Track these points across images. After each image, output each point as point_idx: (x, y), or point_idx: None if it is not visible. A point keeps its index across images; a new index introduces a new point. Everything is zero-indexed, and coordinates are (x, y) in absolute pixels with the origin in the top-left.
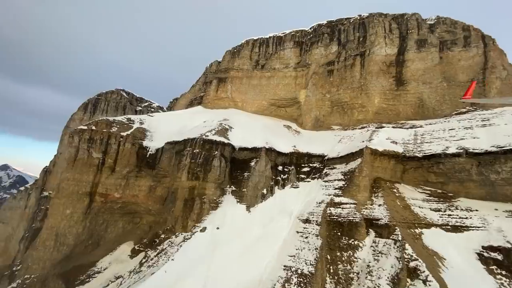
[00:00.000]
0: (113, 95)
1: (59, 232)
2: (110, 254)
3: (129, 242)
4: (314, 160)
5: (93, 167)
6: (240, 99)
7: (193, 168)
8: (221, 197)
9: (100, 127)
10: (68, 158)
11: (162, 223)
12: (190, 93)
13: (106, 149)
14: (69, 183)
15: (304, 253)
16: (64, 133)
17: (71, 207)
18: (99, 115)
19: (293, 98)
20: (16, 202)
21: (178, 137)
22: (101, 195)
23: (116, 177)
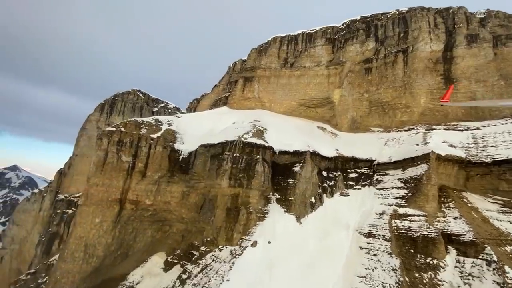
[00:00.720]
0: (130, 96)
1: (88, 243)
2: (141, 266)
3: (161, 253)
4: (361, 165)
5: (122, 171)
6: (267, 99)
7: (235, 173)
8: (266, 206)
9: (129, 128)
10: (96, 162)
11: (196, 233)
12: (213, 93)
13: (136, 152)
14: (98, 189)
15: (378, 274)
16: (80, 135)
17: (101, 215)
18: (115, 116)
19: (325, 98)
20: (30, 205)
21: (212, 139)
22: (131, 202)
23: (147, 182)
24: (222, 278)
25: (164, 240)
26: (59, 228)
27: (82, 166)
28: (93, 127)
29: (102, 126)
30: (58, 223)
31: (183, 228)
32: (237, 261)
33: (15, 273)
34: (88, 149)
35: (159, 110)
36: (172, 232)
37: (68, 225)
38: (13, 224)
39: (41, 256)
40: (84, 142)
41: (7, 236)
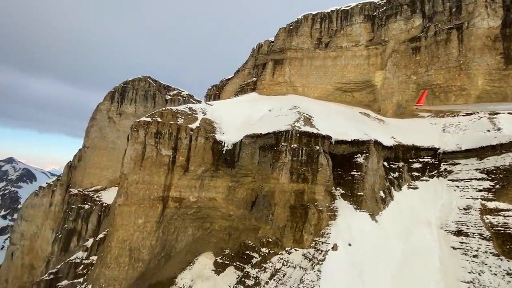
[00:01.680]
0: (141, 83)
1: (133, 246)
2: (189, 269)
3: (208, 253)
4: (423, 154)
5: (163, 166)
6: (300, 84)
7: (296, 167)
8: (332, 203)
9: (166, 118)
10: (134, 157)
11: (247, 231)
12: (238, 79)
13: (176, 144)
14: (139, 186)
15: (488, 279)
16: (90, 125)
17: (144, 216)
18: (127, 105)
19: (365, 81)
20: (38, 200)
21: (256, 129)
22: (174, 199)
23: (190, 177)
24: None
25: (207, 238)
26: (76, 224)
27: (95, 158)
28: (104, 117)
29: (114, 115)
30: (74, 219)
31: (227, 225)
32: (323, 268)
33: (28, 269)
34: (100, 140)
35: (172, 98)
36: (214, 229)
37: (86, 221)
38: (21, 219)
39: (59, 254)
40: (95, 133)
41: (16, 232)
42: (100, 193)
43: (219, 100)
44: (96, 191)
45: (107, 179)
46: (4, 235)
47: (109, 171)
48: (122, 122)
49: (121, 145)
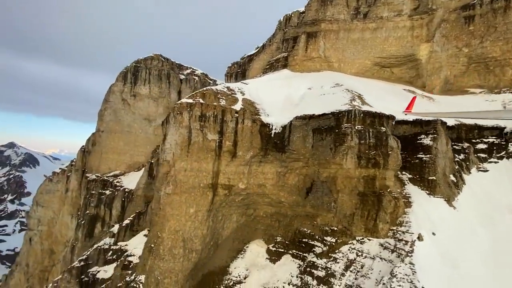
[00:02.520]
0: (154, 62)
1: (186, 237)
2: (241, 257)
3: (258, 241)
4: (486, 134)
5: (210, 152)
6: (336, 59)
7: (364, 151)
8: (403, 188)
9: (209, 99)
10: (180, 143)
11: (300, 218)
12: (265, 54)
13: (222, 128)
14: (187, 174)
15: None
16: (104, 108)
17: (195, 205)
18: (141, 86)
19: (407, 55)
20: (53, 185)
21: (299, 109)
22: (224, 187)
23: (237, 163)
24: (411, 284)
25: (252, 225)
26: (99, 210)
27: (111, 142)
28: (117, 99)
29: (128, 97)
30: (96, 205)
31: (274, 212)
32: (414, 260)
33: (48, 253)
34: (115, 124)
35: (187, 77)
36: (259, 216)
37: (109, 207)
38: (37, 205)
39: (84, 239)
40: (110, 117)
41: (32, 218)
42: (120, 179)
43: (251, 79)
44: (115, 176)
45: (125, 164)
46: (14, 219)
47: (127, 155)
48: (137, 104)
49: (137, 128)
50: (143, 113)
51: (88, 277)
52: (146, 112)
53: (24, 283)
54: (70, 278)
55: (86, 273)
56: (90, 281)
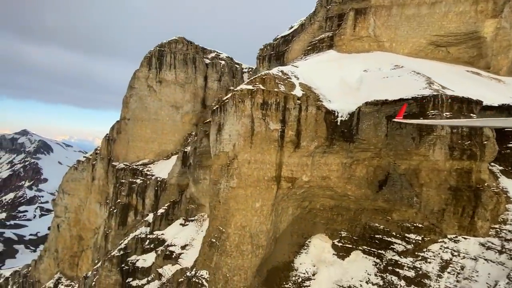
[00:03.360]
0: (178, 45)
1: (252, 233)
2: (304, 253)
3: (320, 236)
4: None
5: (273, 143)
6: (387, 38)
7: (456, 141)
8: (498, 182)
9: (270, 85)
10: (243, 133)
11: (368, 212)
12: (306, 34)
13: (284, 116)
14: (251, 167)
15: None
16: (129, 95)
17: (260, 199)
18: (166, 71)
19: (469, 32)
20: (78, 174)
21: (365, 94)
22: (287, 179)
23: (300, 154)
24: None
25: (309, 218)
26: (131, 199)
27: (138, 130)
28: (143, 86)
29: (153, 84)
30: (127, 193)
31: (333, 205)
32: None
33: (77, 239)
34: (141, 111)
35: (213, 61)
36: (315, 208)
37: (141, 196)
38: (63, 193)
39: (117, 228)
40: (136, 104)
41: (59, 205)
42: (150, 167)
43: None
44: (144, 165)
45: (153, 152)
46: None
47: (155, 143)
48: (163, 91)
49: (164, 116)
50: (170, 99)
51: (128, 265)
52: (173, 99)
53: (54, 267)
54: (111, 266)
55: (126, 261)
56: (130, 270)
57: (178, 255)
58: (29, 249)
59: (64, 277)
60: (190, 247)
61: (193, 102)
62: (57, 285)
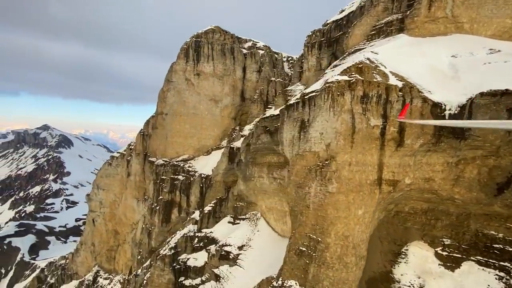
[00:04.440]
0: (215, 35)
1: (355, 243)
2: (404, 262)
3: (418, 243)
4: None
5: (374, 141)
6: (467, 18)
7: None
8: None
9: (368, 75)
10: (344, 131)
11: (478, 217)
12: (368, 18)
13: (385, 111)
14: (352, 169)
15: None
16: (166, 89)
17: (363, 206)
18: (204, 63)
19: None
20: (112, 169)
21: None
22: (389, 182)
23: (402, 154)
24: None
25: (396, 222)
26: (174, 195)
27: (177, 126)
28: (180, 79)
29: (191, 77)
30: (170, 190)
31: (428, 208)
32: None
33: (113, 234)
34: (180, 106)
35: (251, 51)
36: (403, 212)
37: (185, 192)
38: (98, 188)
39: (161, 225)
40: (173, 98)
41: (94, 200)
42: (191, 163)
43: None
44: (184, 161)
45: (193, 148)
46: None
47: (194, 139)
48: (201, 84)
49: (203, 110)
50: (209, 93)
51: (180, 264)
52: (212, 92)
53: (91, 261)
54: (164, 266)
55: (177, 260)
56: (182, 269)
57: (236, 256)
58: (60, 241)
59: (102, 270)
60: (248, 248)
61: (232, 95)
62: (96, 277)
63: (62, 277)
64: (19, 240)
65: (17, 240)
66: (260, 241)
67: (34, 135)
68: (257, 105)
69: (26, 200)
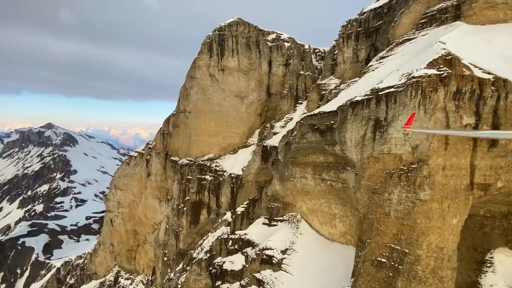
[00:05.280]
0: (240, 28)
1: (449, 254)
2: (491, 271)
3: (503, 250)
4: None
5: (468, 142)
6: None
7: None
8: None
9: (459, 68)
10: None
11: None
12: (418, 5)
13: (478, 107)
14: (446, 173)
15: None
16: (190, 86)
17: (458, 214)
18: (229, 57)
19: None
20: (130, 169)
21: None
22: (480, 187)
23: (494, 155)
24: None
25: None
26: (202, 196)
27: (201, 124)
28: (204, 75)
29: (215, 72)
30: (198, 190)
31: (507, 211)
32: None
33: (132, 234)
34: (204, 103)
35: (277, 43)
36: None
37: (215, 193)
38: (115, 189)
39: (189, 226)
40: (197, 95)
41: (111, 200)
42: (218, 163)
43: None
44: (210, 160)
45: (218, 146)
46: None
47: (219, 137)
48: (226, 80)
49: (228, 107)
50: (234, 89)
51: (215, 268)
52: (237, 88)
53: (110, 261)
54: (200, 270)
55: (213, 264)
56: (218, 273)
57: (280, 260)
58: (72, 239)
59: (123, 270)
60: (292, 252)
61: (258, 90)
62: (117, 278)
63: (82, 278)
64: (32, 240)
65: (30, 240)
66: (304, 245)
67: (39, 133)
68: (287, 100)
69: (34, 199)
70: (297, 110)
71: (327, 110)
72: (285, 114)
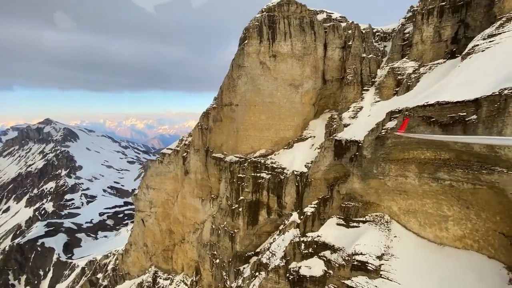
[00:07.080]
0: (291, 7)
1: None
2: None
3: None
4: None
5: None
6: None
7: None
8: None
9: None
10: None
11: None
12: None
13: None
14: None
15: None
16: (237, 76)
17: None
18: (281, 42)
19: None
20: (164, 167)
21: None
22: None
23: None
24: None
25: None
26: (260, 195)
27: (251, 117)
28: (254, 63)
29: (266, 59)
30: (254, 189)
31: None
32: None
33: (167, 233)
34: (254, 94)
35: (331, 24)
36: None
37: (275, 192)
38: (147, 188)
39: (246, 228)
40: (246, 86)
41: (142, 200)
42: (273, 159)
43: None
44: (262, 156)
45: (270, 141)
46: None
47: (271, 131)
48: (278, 67)
49: (280, 97)
50: (287, 77)
51: (292, 274)
52: (290, 76)
53: (145, 261)
54: (278, 278)
55: (289, 270)
56: (296, 279)
57: (378, 267)
58: (90, 237)
59: (160, 270)
60: (391, 257)
61: (314, 77)
62: (156, 278)
63: (115, 278)
64: (51, 240)
65: (49, 241)
66: (404, 249)
67: (38, 130)
68: (354, 87)
69: (41, 197)
70: (365, 98)
71: (451, 100)
72: (351, 102)
